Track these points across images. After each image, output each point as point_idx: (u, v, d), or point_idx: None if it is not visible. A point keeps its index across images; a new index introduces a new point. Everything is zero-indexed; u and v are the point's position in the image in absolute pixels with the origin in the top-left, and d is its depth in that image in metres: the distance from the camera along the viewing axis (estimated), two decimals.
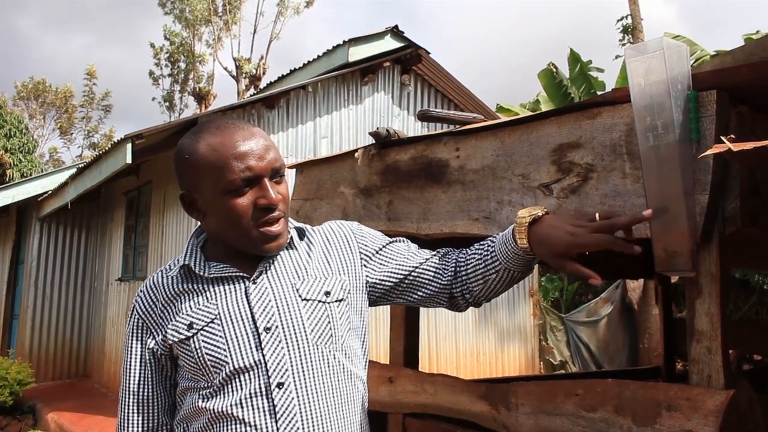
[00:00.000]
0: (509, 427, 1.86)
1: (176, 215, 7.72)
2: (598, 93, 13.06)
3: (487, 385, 1.98)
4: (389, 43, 8.58)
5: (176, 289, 1.38)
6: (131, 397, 1.39)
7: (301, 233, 1.47)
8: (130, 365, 1.40)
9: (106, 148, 7.07)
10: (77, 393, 8.98)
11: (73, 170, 8.92)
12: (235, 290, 1.35)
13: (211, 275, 1.36)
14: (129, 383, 1.40)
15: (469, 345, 9.19)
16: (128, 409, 1.39)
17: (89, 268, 10.66)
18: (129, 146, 6.15)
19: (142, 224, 8.90)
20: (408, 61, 8.87)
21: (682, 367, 6.18)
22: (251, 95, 10.30)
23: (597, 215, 1.30)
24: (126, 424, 1.39)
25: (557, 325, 10.37)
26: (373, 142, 2.42)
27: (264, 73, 23.97)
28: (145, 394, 1.39)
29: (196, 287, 1.37)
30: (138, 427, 1.39)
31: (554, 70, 13.10)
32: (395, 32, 8.61)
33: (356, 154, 2.47)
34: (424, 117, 2.21)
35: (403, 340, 2.45)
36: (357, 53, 8.22)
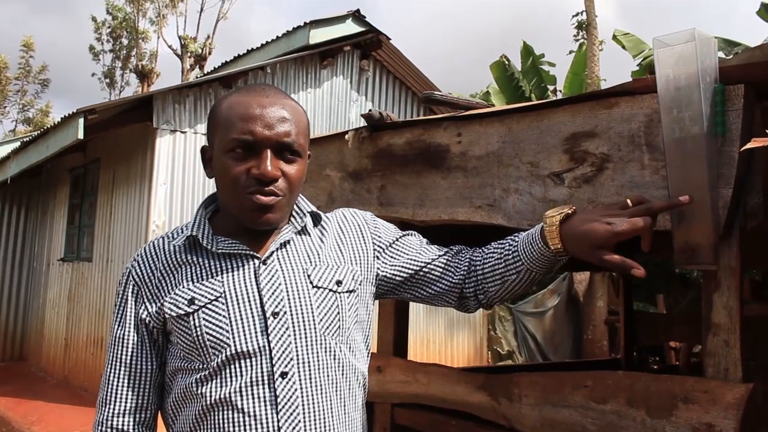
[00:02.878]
0: (510, 418, 1.84)
1: (126, 195, 7.45)
2: (549, 87, 13.29)
3: (486, 375, 1.95)
4: (350, 27, 8.49)
5: (179, 259, 1.29)
6: (122, 369, 1.27)
7: (317, 219, 1.40)
8: (123, 335, 1.28)
9: (55, 122, 6.75)
10: (13, 377, 8.65)
11: (15, 144, 8.51)
12: (244, 269, 1.26)
13: (219, 250, 1.28)
14: (120, 354, 1.28)
15: (420, 333, 9.22)
16: (117, 381, 1.27)
17: (28, 247, 10.23)
18: (81, 121, 5.88)
19: (88, 203, 8.56)
20: (368, 46, 8.80)
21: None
22: (199, 76, 10.04)
23: (628, 201, 1.28)
24: (112, 399, 1.27)
25: (505, 316, 10.51)
26: (365, 124, 2.35)
27: (210, 53, 23.57)
28: (138, 367, 1.27)
29: (201, 260, 1.28)
30: (127, 402, 1.27)
31: (506, 62, 13.22)
32: (357, 16, 8.53)
33: (346, 137, 2.40)
34: (427, 100, 2.16)
35: (392, 328, 2.40)
36: (318, 36, 8.11)
